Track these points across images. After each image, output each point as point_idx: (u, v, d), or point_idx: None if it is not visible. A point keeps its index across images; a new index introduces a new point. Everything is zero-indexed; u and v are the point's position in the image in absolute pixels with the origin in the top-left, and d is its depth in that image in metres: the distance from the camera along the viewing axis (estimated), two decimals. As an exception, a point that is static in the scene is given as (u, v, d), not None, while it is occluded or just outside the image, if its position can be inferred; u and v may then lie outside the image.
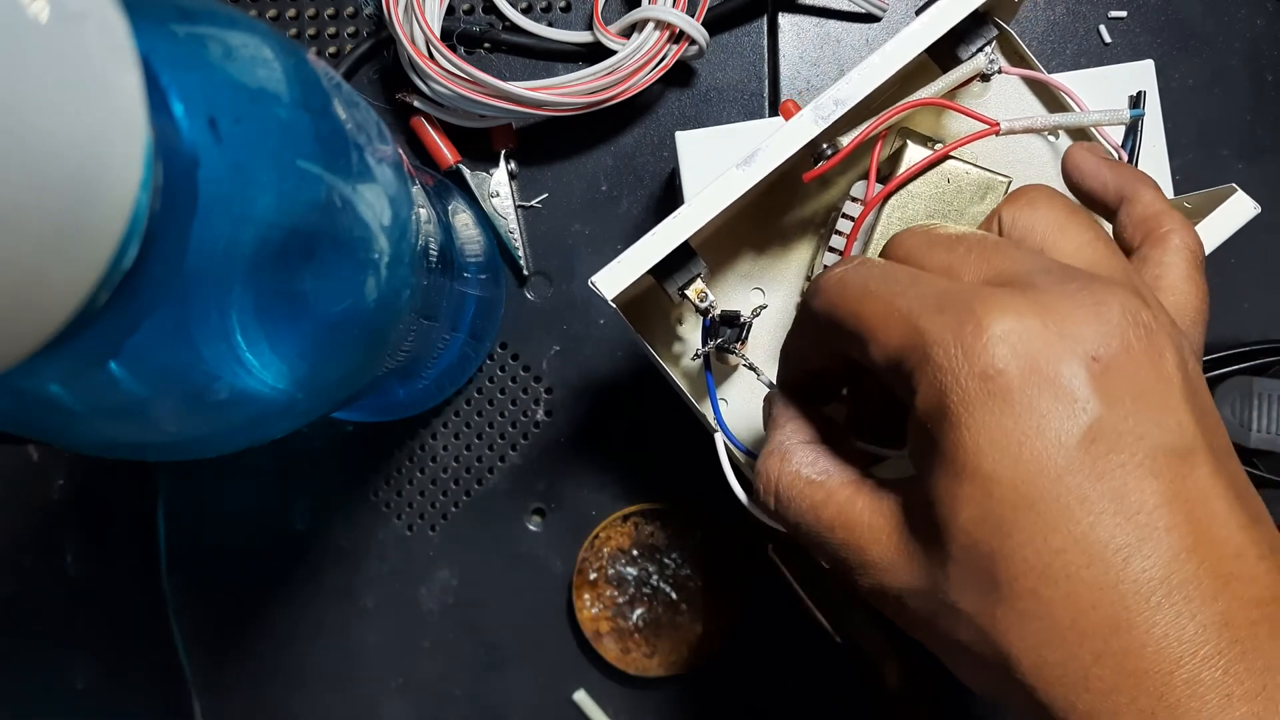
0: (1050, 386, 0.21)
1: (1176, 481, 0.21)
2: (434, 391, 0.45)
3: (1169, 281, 0.27)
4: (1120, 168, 0.30)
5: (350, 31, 0.47)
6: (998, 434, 0.21)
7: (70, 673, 0.48)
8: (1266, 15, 0.46)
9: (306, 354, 0.25)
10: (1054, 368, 0.21)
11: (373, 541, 0.47)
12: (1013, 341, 0.21)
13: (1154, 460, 0.21)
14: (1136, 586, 0.20)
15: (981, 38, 0.32)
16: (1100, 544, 0.20)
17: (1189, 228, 0.28)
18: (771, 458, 0.28)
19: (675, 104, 0.46)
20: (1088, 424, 0.21)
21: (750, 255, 0.38)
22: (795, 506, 0.26)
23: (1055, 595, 0.21)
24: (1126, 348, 0.21)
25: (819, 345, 0.28)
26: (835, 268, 0.26)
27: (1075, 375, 0.21)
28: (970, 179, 0.33)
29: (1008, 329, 0.21)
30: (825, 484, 0.26)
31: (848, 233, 0.34)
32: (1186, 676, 0.20)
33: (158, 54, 0.20)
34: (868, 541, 0.24)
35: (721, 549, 0.46)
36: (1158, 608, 0.20)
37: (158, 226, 0.19)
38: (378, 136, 0.26)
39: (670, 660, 0.45)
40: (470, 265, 0.42)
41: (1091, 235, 0.25)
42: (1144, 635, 0.20)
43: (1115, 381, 0.21)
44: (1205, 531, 0.21)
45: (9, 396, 0.22)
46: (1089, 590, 0.20)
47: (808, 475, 0.26)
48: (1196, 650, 0.20)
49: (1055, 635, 0.21)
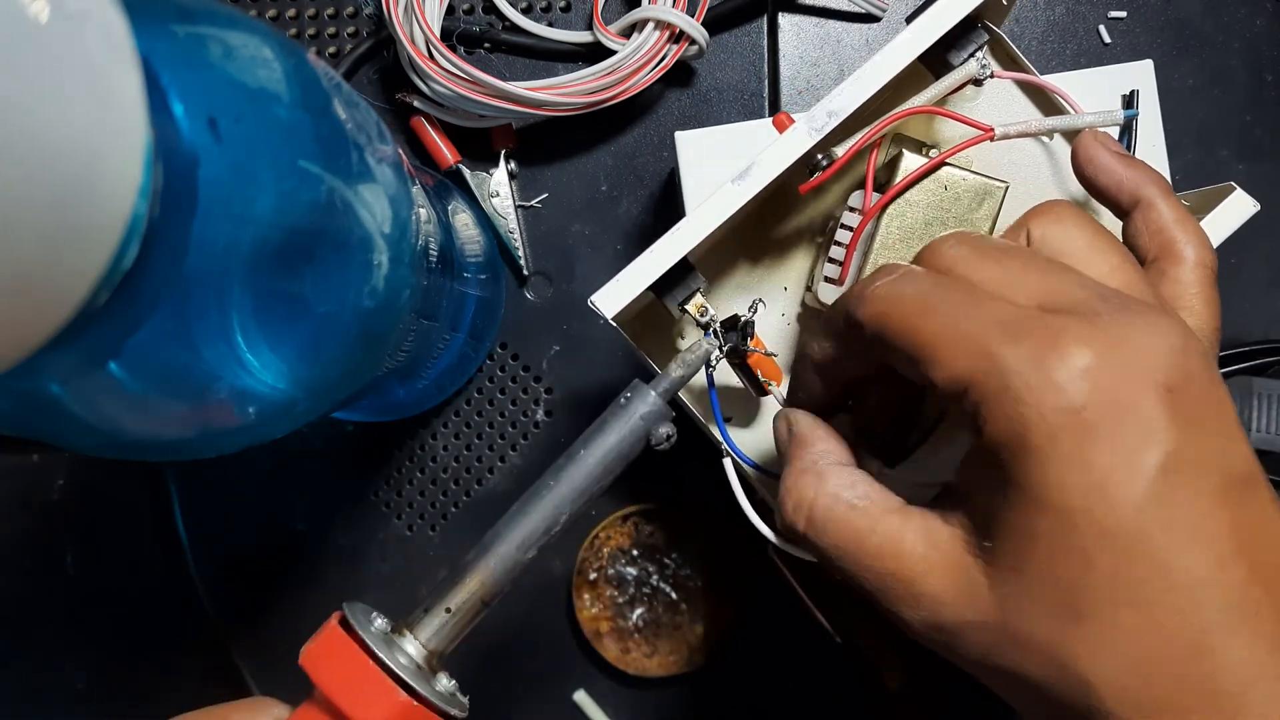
0: (1131, 418, 0.21)
1: (1243, 508, 0.21)
2: (434, 391, 0.45)
3: (1187, 301, 0.27)
4: (1134, 165, 0.30)
5: (350, 31, 0.47)
6: (1082, 468, 0.21)
7: (70, 673, 0.48)
8: (1266, 15, 0.46)
9: (306, 354, 0.25)
10: (1134, 399, 0.21)
11: (373, 541, 0.47)
12: (1095, 375, 0.21)
13: (1225, 488, 0.21)
14: (1215, 613, 0.21)
15: (972, 43, 0.32)
16: (1181, 572, 0.21)
17: (1205, 242, 0.28)
18: (805, 477, 0.26)
19: (675, 104, 0.46)
20: (1165, 454, 0.21)
21: (747, 266, 0.39)
22: (833, 532, 0.25)
23: (1139, 623, 0.21)
24: (1191, 377, 0.22)
25: (857, 356, 0.27)
26: (882, 277, 0.25)
27: (1152, 407, 0.21)
28: (967, 185, 0.33)
29: (1089, 363, 0.21)
30: (868, 510, 0.25)
31: (847, 242, 0.34)
32: (1260, 695, 0.20)
33: (158, 54, 0.20)
34: (920, 573, 0.24)
35: (721, 549, 0.46)
36: (1235, 632, 0.21)
37: (158, 226, 0.19)
38: (378, 136, 0.26)
39: (670, 660, 0.45)
40: (470, 265, 0.42)
41: (1121, 258, 0.25)
42: (1223, 658, 0.20)
43: (1184, 410, 0.21)
44: (1269, 555, 0.21)
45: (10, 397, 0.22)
46: (1171, 617, 0.21)
47: (848, 499, 0.26)
48: (1266, 671, 0.20)
49: (1137, 662, 0.21)
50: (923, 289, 0.24)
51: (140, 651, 0.48)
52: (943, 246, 0.26)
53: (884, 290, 0.25)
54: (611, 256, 0.46)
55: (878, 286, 0.25)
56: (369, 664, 0.24)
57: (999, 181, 0.33)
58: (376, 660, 0.24)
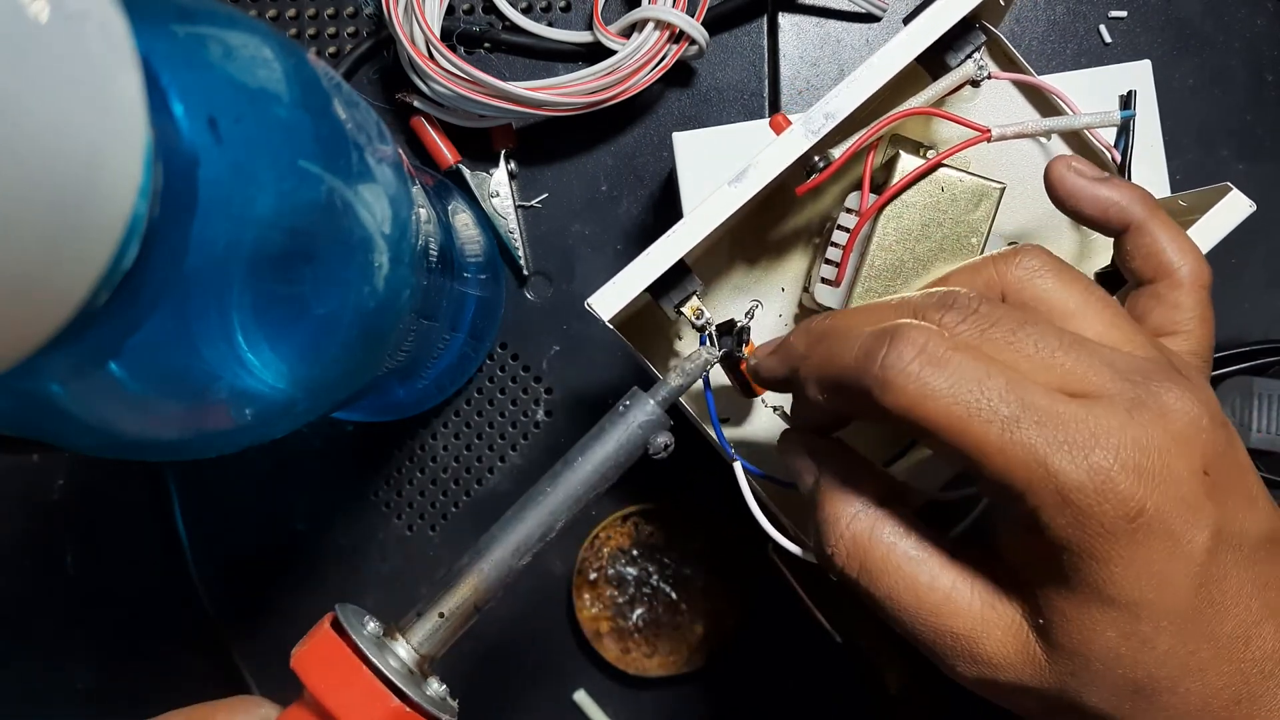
0: (1181, 510, 0.22)
1: (1270, 565, 0.24)
2: (434, 391, 0.45)
3: (1185, 325, 0.28)
4: (1115, 185, 0.29)
5: (350, 31, 0.47)
6: (1144, 566, 0.22)
7: (70, 673, 0.48)
8: (1266, 15, 0.46)
9: (306, 354, 0.25)
10: (1181, 492, 0.22)
11: (373, 541, 0.47)
12: (1148, 479, 0.22)
13: (1258, 551, 0.23)
14: (1256, 664, 0.23)
15: (970, 44, 0.32)
16: (1226, 636, 0.23)
17: (1199, 258, 0.28)
18: (857, 522, 0.26)
19: (675, 104, 0.46)
20: (1210, 535, 0.23)
21: (743, 267, 0.39)
22: (889, 584, 0.25)
23: (1191, 687, 0.23)
24: (1219, 451, 0.23)
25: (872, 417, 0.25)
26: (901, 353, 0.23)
27: (1196, 493, 0.23)
28: (964, 186, 0.33)
29: (1140, 465, 0.22)
30: (927, 564, 0.25)
31: (843, 244, 0.34)
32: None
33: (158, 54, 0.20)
34: (980, 635, 0.25)
35: (721, 549, 0.46)
36: (1271, 677, 0.23)
37: (158, 226, 0.19)
38: (378, 136, 0.26)
39: (670, 660, 0.45)
40: (470, 265, 0.42)
41: (1113, 314, 0.26)
42: (1263, 701, 0.23)
43: (1219, 485, 0.23)
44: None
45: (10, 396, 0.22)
46: (1217, 674, 0.23)
47: (905, 550, 0.25)
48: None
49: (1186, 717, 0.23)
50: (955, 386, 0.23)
51: (140, 651, 0.48)
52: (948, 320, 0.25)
53: (912, 384, 0.23)
54: (611, 256, 0.46)
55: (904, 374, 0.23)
56: (360, 667, 0.25)
57: (996, 182, 0.33)
58: (367, 663, 0.24)
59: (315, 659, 0.25)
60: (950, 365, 0.23)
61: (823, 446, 0.28)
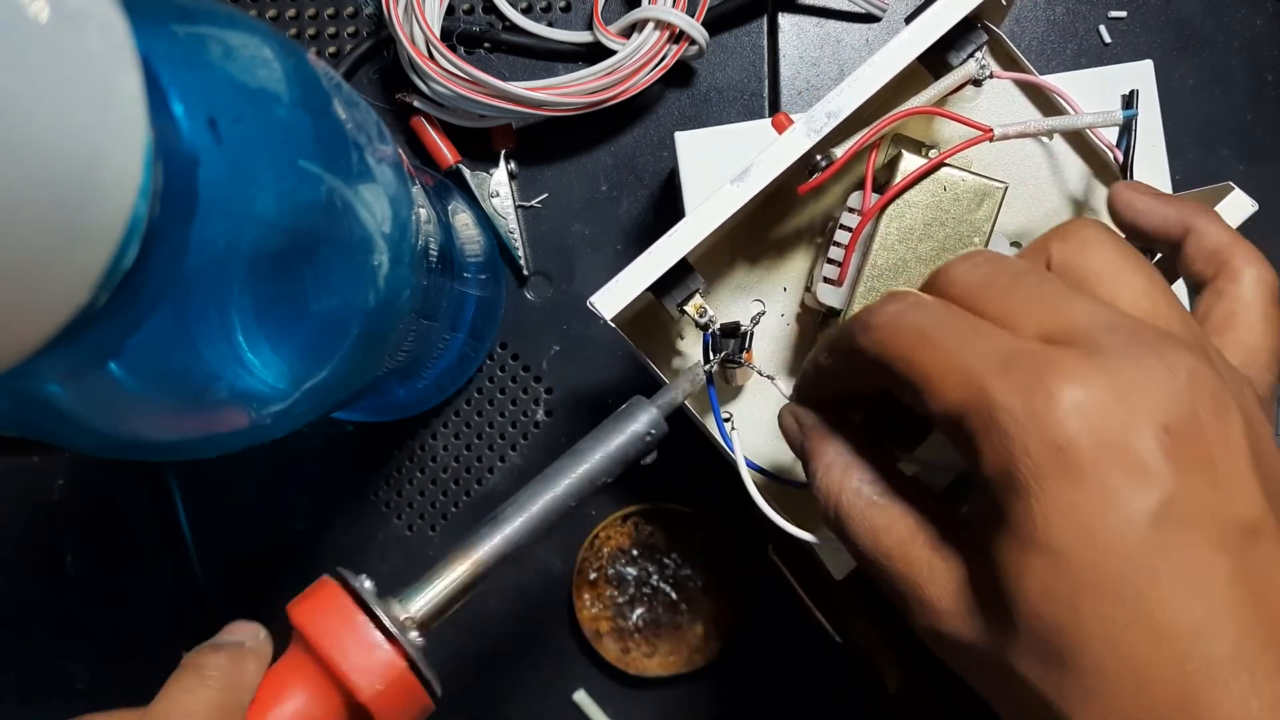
0: (1123, 460, 0.20)
1: (1244, 558, 0.21)
2: (434, 391, 0.45)
3: (1245, 320, 0.26)
4: (1176, 201, 0.29)
5: (350, 31, 0.47)
6: (1068, 509, 0.21)
7: (70, 673, 0.48)
8: (1266, 15, 0.46)
9: (307, 354, 0.25)
10: (1126, 439, 0.20)
11: (373, 541, 0.47)
12: (1085, 412, 0.21)
13: (1224, 537, 0.20)
14: (1204, 666, 0.20)
15: (972, 43, 0.32)
16: (1170, 623, 0.20)
17: (1263, 260, 0.27)
18: (832, 470, 0.27)
19: (675, 104, 0.46)
20: (1159, 499, 0.20)
21: (746, 266, 0.39)
22: (854, 526, 0.26)
23: (1122, 672, 0.20)
24: (1195, 417, 0.21)
25: (857, 376, 0.27)
26: (886, 306, 0.25)
27: (1147, 448, 0.20)
28: (966, 186, 0.33)
29: (1079, 400, 0.21)
30: (888, 509, 0.25)
31: (846, 243, 0.34)
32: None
33: (158, 54, 0.20)
34: (926, 583, 0.24)
35: (722, 549, 0.46)
36: (1224, 686, 0.20)
37: (158, 226, 0.19)
38: (378, 136, 0.26)
39: (670, 660, 0.45)
40: (470, 265, 0.42)
41: (1148, 283, 0.24)
42: (1209, 714, 0.20)
43: (1185, 453, 0.21)
44: (1269, 608, 0.20)
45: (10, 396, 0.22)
46: (1155, 668, 0.20)
47: (869, 495, 0.26)
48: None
49: (1120, 712, 0.20)
50: (924, 319, 0.24)
51: (140, 651, 0.48)
52: (954, 272, 0.25)
53: (887, 319, 0.24)
54: (611, 256, 0.46)
55: (882, 315, 0.25)
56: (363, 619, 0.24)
57: (998, 182, 0.33)
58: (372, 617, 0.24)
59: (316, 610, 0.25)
60: (926, 308, 0.24)
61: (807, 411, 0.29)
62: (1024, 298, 0.23)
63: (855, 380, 0.27)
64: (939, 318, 0.24)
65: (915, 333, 0.24)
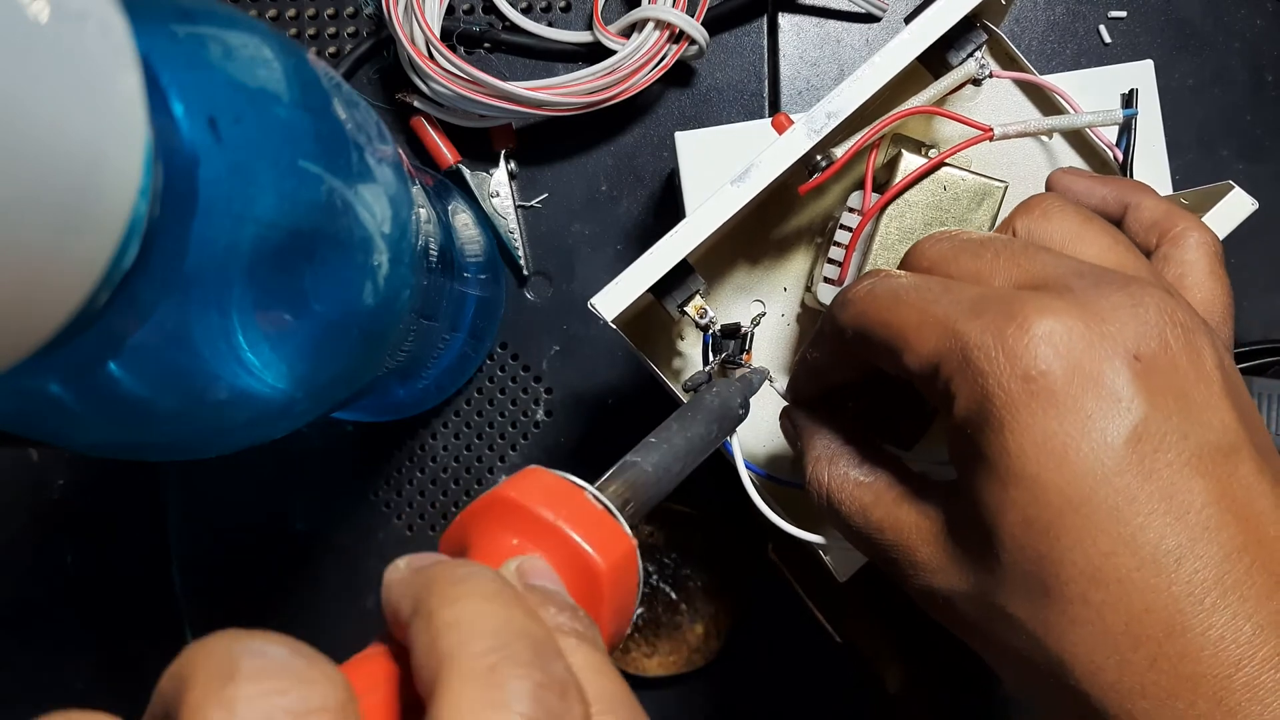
0: (1094, 387, 0.21)
1: (1223, 480, 0.21)
2: (434, 391, 0.45)
3: (1194, 279, 0.27)
4: (1111, 180, 0.30)
5: (350, 31, 0.47)
6: (1042, 436, 0.21)
7: (70, 673, 0.48)
8: (1266, 15, 0.46)
9: (307, 353, 0.25)
10: (1097, 367, 0.21)
11: (373, 541, 0.47)
12: (1055, 342, 0.21)
13: (1200, 459, 0.20)
14: (1190, 588, 0.20)
15: (971, 43, 0.32)
16: (1150, 546, 0.20)
17: (1203, 224, 0.28)
18: (819, 463, 0.28)
19: (675, 104, 0.46)
20: (1133, 424, 0.20)
21: (746, 267, 0.39)
22: (845, 509, 0.26)
23: (1107, 599, 0.20)
24: (1166, 346, 0.21)
25: (843, 359, 0.28)
26: (861, 281, 0.26)
27: (1119, 375, 0.21)
28: (966, 185, 0.33)
29: (1049, 329, 0.21)
30: (873, 485, 0.26)
31: (846, 243, 0.34)
32: (1245, 679, 0.19)
33: (158, 54, 0.20)
34: (915, 543, 0.24)
35: (722, 549, 0.46)
36: (1213, 609, 0.20)
37: (158, 226, 0.19)
38: (378, 136, 0.26)
39: (670, 660, 0.45)
40: (470, 265, 0.42)
41: (1110, 240, 0.25)
42: (1200, 638, 0.20)
43: (1158, 380, 0.21)
44: (1254, 530, 0.20)
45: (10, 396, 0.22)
46: (1141, 594, 0.20)
47: (855, 477, 0.27)
48: (1255, 652, 0.19)
49: (1108, 640, 0.20)
50: (897, 285, 0.25)
51: (140, 651, 0.48)
52: (923, 245, 0.26)
53: (863, 292, 0.25)
54: (611, 256, 0.46)
55: (857, 289, 0.26)
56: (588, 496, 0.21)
57: (998, 181, 0.33)
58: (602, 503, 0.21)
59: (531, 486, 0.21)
60: (899, 277, 0.25)
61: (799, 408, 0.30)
62: (991, 257, 0.24)
63: (841, 366, 0.28)
64: (912, 282, 0.24)
65: (889, 297, 0.24)
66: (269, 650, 0.16)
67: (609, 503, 0.21)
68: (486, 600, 0.16)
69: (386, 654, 0.18)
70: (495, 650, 0.15)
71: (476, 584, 0.16)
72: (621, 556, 0.21)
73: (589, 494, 0.21)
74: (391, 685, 0.17)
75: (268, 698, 0.14)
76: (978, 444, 0.22)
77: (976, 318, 0.22)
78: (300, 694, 0.14)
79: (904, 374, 0.24)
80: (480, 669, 0.15)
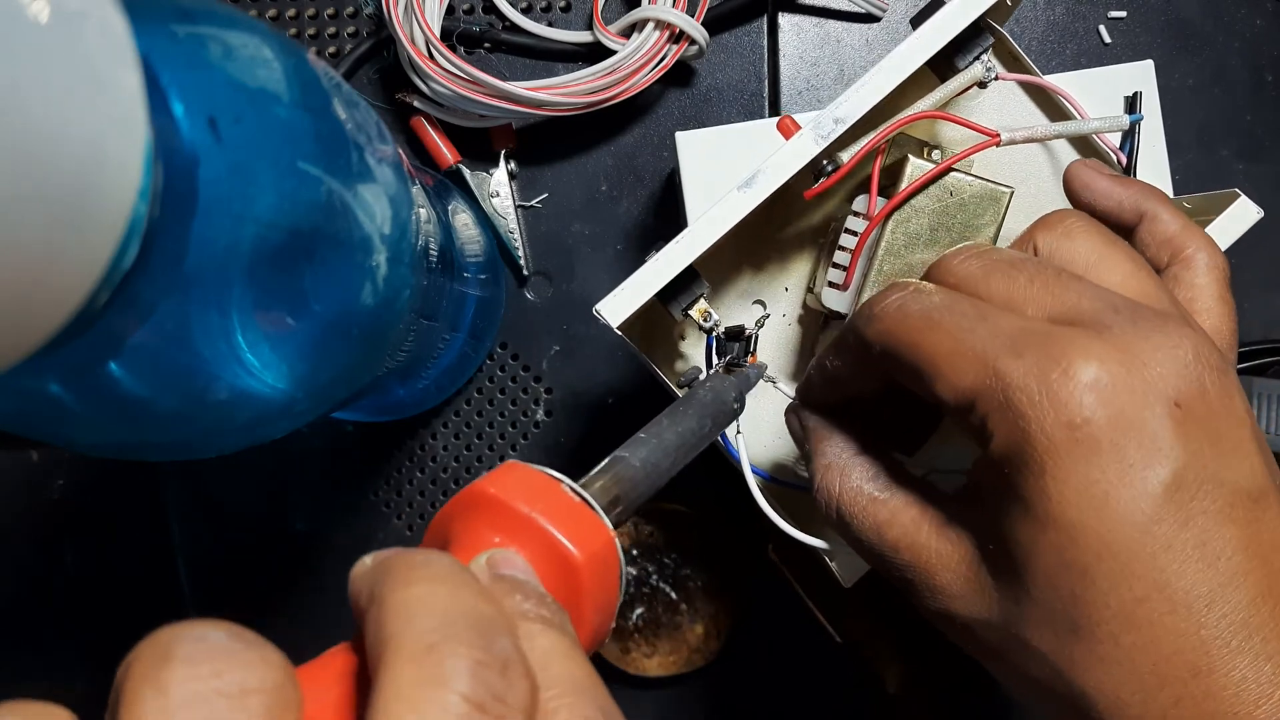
0: (1137, 435, 0.21)
1: (1252, 526, 0.21)
2: (434, 391, 0.45)
3: (1203, 304, 0.27)
4: (1131, 184, 0.30)
5: (350, 31, 0.47)
6: (1084, 484, 0.21)
7: (70, 673, 0.48)
8: (1266, 15, 0.46)
9: (307, 353, 0.25)
10: (1140, 415, 0.21)
11: (373, 541, 0.47)
12: (1099, 390, 0.21)
13: (1232, 506, 0.21)
14: (1218, 632, 0.20)
15: (978, 45, 0.32)
16: (1183, 591, 0.21)
17: (1214, 246, 0.28)
18: (830, 472, 0.27)
19: (675, 104, 0.46)
20: (1172, 472, 0.21)
21: (749, 270, 0.38)
22: (858, 524, 0.26)
23: (1137, 642, 0.21)
24: (1203, 392, 0.21)
25: (864, 371, 0.27)
26: (890, 295, 0.25)
27: (1160, 423, 0.21)
28: (973, 191, 0.33)
29: (1094, 377, 0.21)
30: (889, 503, 0.26)
31: (851, 247, 0.33)
32: (1265, 716, 0.20)
33: (158, 54, 0.20)
34: (936, 568, 0.24)
35: (722, 549, 0.46)
36: (1238, 651, 0.20)
37: (158, 226, 0.19)
38: (378, 136, 0.26)
39: (670, 660, 0.45)
40: (470, 265, 0.42)
41: (1134, 266, 0.25)
42: (1224, 679, 0.20)
43: (1195, 427, 0.21)
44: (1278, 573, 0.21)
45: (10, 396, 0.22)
46: (1170, 637, 0.21)
47: (870, 492, 0.26)
48: (1274, 691, 0.20)
49: (1135, 679, 0.21)
50: (929, 305, 0.24)
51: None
52: (952, 261, 0.26)
53: (891, 308, 0.25)
54: (611, 256, 0.46)
55: (886, 304, 0.25)
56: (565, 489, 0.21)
57: (1004, 186, 0.33)
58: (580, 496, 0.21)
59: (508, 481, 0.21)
60: (930, 294, 0.24)
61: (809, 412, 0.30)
62: (1025, 283, 0.24)
63: (862, 378, 0.28)
64: (944, 303, 0.24)
65: (921, 318, 0.24)
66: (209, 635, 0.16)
67: (588, 495, 0.21)
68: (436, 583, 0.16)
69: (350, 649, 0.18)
70: (437, 630, 0.15)
71: (429, 569, 0.16)
72: (600, 548, 0.20)
73: (565, 487, 0.21)
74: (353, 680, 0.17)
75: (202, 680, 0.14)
76: (1014, 484, 0.22)
77: (1018, 357, 0.22)
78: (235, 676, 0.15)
79: (933, 399, 0.24)
80: (420, 648, 0.15)
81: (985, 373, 0.22)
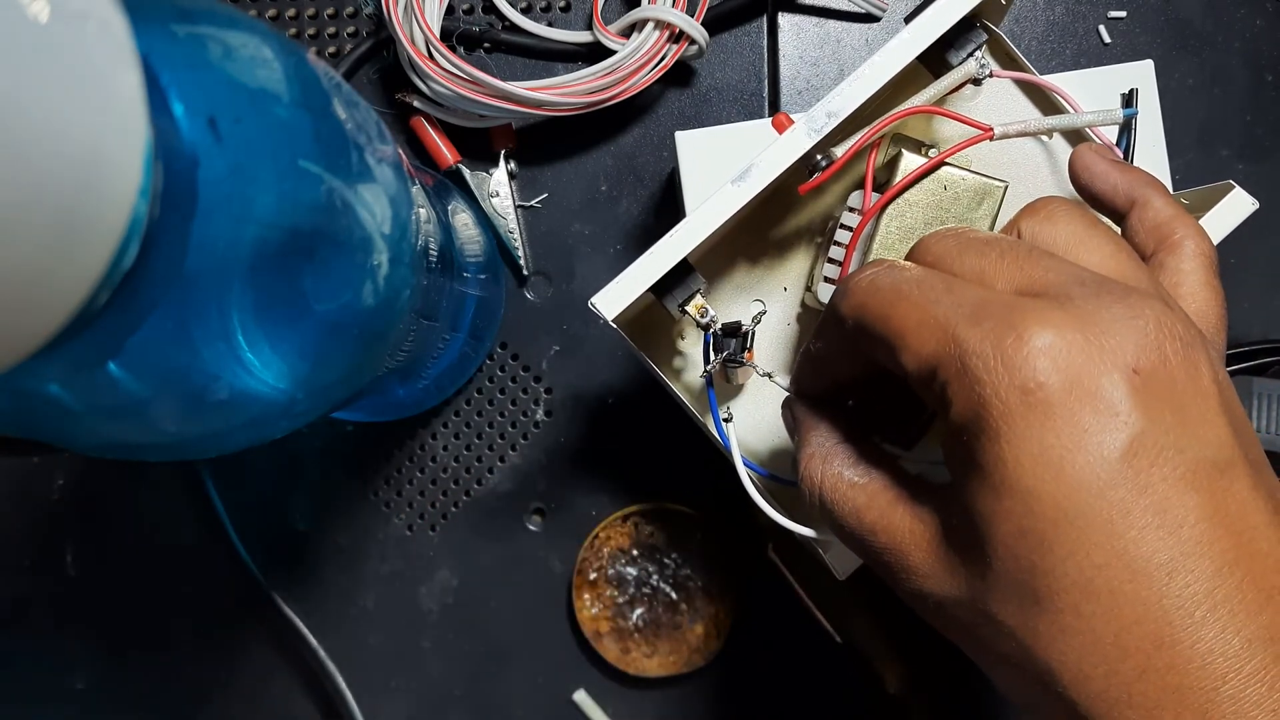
0: (1091, 400, 0.21)
1: (1217, 495, 0.21)
2: (434, 391, 0.45)
3: (1188, 289, 0.27)
4: (1129, 170, 0.30)
5: (350, 31, 0.47)
6: (1038, 448, 0.21)
7: (70, 673, 0.48)
8: (1266, 15, 0.46)
9: (307, 353, 0.25)
10: (1095, 381, 0.21)
11: (373, 541, 0.47)
12: (1054, 355, 0.21)
13: (1195, 474, 0.21)
14: (1180, 602, 0.20)
15: (971, 42, 0.32)
16: (1143, 559, 0.20)
17: (1203, 233, 0.28)
18: (813, 460, 0.27)
19: (675, 104, 0.46)
20: (1129, 438, 0.20)
21: (746, 266, 0.39)
22: (838, 510, 0.26)
23: (1098, 610, 0.20)
24: (1164, 360, 0.21)
25: (844, 351, 0.28)
26: (865, 271, 0.26)
27: (1116, 388, 0.21)
28: (967, 185, 0.33)
29: (1048, 342, 0.21)
30: (867, 487, 0.26)
31: (846, 242, 0.34)
32: (1231, 692, 0.20)
33: (158, 54, 0.20)
34: (909, 547, 0.24)
35: (721, 549, 0.46)
36: (1202, 623, 0.20)
37: (158, 227, 0.19)
38: (378, 136, 0.26)
39: (670, 660, 0.45)
40: (470, 265, 0.42)
41: (1114, 247, 0.25)
42: (1189, 651, 0.20)
43: (1155, 394, 0.21)
44: (1247, 545, 0.20)
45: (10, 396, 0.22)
46: (1132, 606, 0.20)
47: (850, 478, 0.26)
48: (1242, 666, 0.20)
49: (1098, 651, 0.20)
50: (900, 279, 0.24)
51: (140, 652, 0.48)
52: (929, 241, 0.26)
53: (864, 282, 0.25)
54: (611, 256, 0.46)
55: (860, 279, 0.25)
56: None
57: (998, 181, 0.33)
58: None
59: None
60: (902, 269, 0.25)
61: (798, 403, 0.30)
62: (995, 258, 0.24)
63: (843, 358, 0.28)
64: (914, 277, 0.24)
65: (892, 291, 0.24)
66: None
67: None
68: None
69: None
70: None
71: None
72: None
73: None
74: None
75: None
76: (973, 451, 0.22)
77: (976, 325, 0.22)
78: None
79: (900, 371, 0.24)
80: None
81: (944, 339, 0.22)
